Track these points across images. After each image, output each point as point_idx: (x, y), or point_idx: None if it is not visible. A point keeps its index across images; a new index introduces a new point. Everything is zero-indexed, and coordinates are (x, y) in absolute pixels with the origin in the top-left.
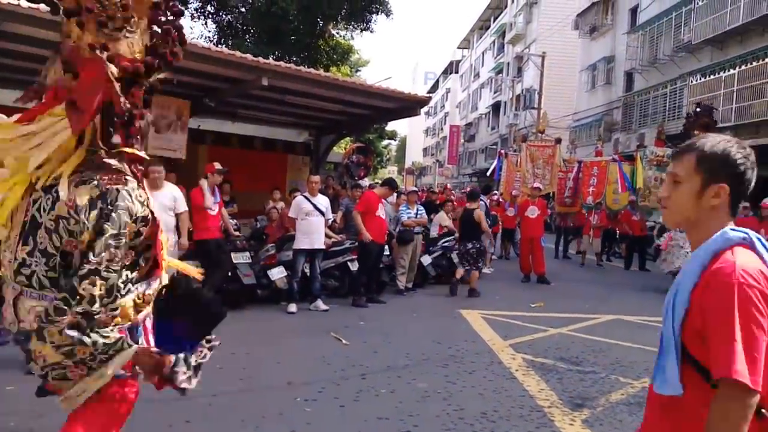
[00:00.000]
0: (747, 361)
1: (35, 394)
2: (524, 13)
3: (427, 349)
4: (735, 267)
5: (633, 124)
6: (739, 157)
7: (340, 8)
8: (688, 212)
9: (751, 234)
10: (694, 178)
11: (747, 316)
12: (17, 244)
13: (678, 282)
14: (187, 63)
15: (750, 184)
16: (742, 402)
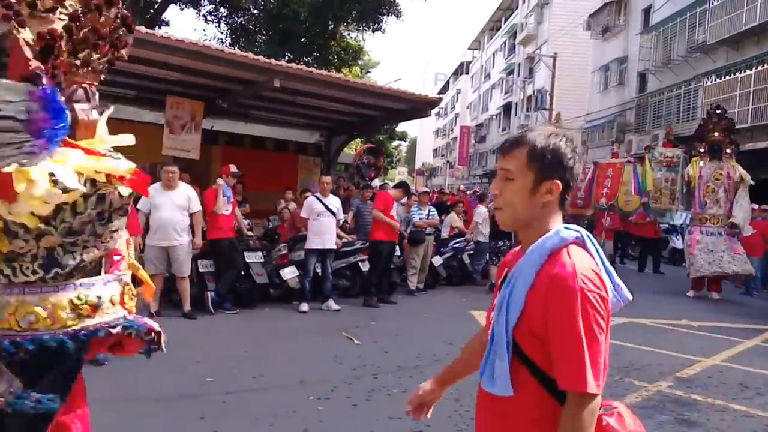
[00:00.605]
0: (593, 369)
1: None
2: (535, 14)
3: (438, 349)
4: (575, 272)
5: (646, 126)
6: (568, 152)
7: (351, 10)
8: (523, 210)
9: (582, 232)
10: (527, 175)
11: (589, 322)
12: None
13: (512, 280)
14: (201, 65)
15: (576, 177)
16: (592, 410)
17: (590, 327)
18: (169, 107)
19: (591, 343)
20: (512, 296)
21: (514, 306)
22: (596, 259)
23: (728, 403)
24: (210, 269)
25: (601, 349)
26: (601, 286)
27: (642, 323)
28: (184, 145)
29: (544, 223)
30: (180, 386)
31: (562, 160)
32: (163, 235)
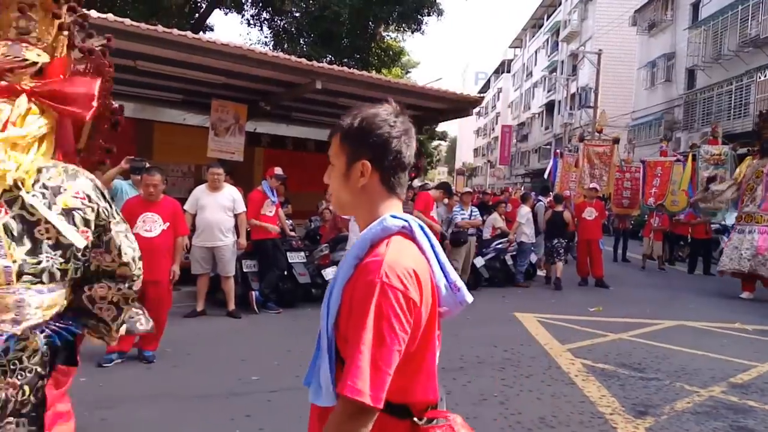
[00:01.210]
0: (372, 374)
1: None
2: (579, 11)
3: (481, 351)
4: (382, 263)
5: (695, 123)
6: (378, 127)
7: (392, 11)
8: (343, 196)
9: (412, 221)
10: (340, 158)
11: (381, 323)
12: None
13: (335, 275)
14: (245, 68)
15: (401, 156)
16: (357, 422)
17: (380, 328)
18: (214, 110)
19: (377, 346)
20: (333, 291)
21: (334, 302)
22: (427, 254)
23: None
24: (254, 269)
25: (391, 356)
26: (410, 284)
27: (692, 326)
28: (229, 148)
29: (372, 210)
30: (226, 384)
31: (370, 137)
32: (208, 235)
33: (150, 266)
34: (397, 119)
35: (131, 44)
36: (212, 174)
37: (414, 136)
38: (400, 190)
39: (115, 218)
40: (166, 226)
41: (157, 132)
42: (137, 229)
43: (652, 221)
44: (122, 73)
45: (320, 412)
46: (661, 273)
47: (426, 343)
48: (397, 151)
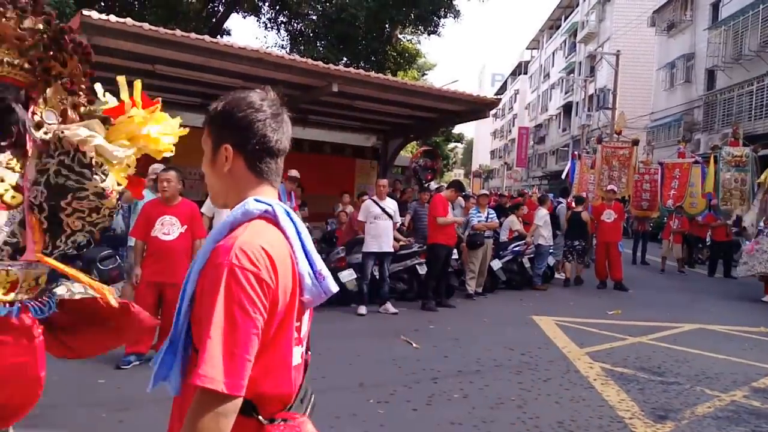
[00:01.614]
0: (225, 360)
1: None
2: (597, 11)
3: (499, 355)
4: (233, 246)
5: (715, 124)
6: (241, 110)
7: (408, 13)
8: (214, 183)
9: (276, 205)
10: (207, 144)
11: (231, 304)
12: None
13: (194, 260)
14: (262, 71)
15: (267, 140)
16: (219, 414)
17: (231, 311)
18: None
19: (230, 329)
20: (190, 276)
21: (189, 287)
22: (291, 240)
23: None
24: None
25: (244, 340)
26: (263, 266)
27: (713, 330)
28: None
29: (240, 197)
30: None
31: (232, 120)
32: None
33: (169, 269)
34: (264, 103)
35: (150, 48)
36: None
37: (287, 121)
38: (272, 177)
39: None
40: (184, 229)
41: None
42: (155, 232)
43: (671, 223)
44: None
45: (178, 402)
46: (680, 276)
47: (282, 331)
48: (262, 135)
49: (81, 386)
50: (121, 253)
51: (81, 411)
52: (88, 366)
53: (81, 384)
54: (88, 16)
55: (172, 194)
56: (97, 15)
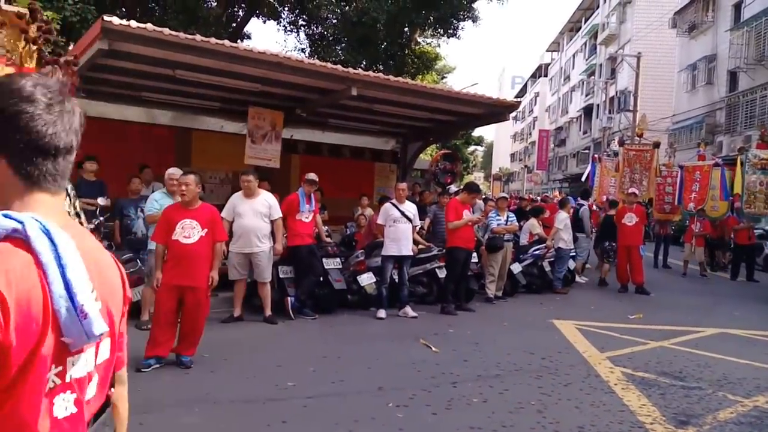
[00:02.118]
0: None
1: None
2: (617, 13)
3: (519, 359)
4: None
5: (738, 126)
6: (2, 101)
7: (428, 16)
8: None
9: (31, 223)
10: None
11: None
12: None
13: None
14: (282, 75)
15: (38, 136)
16: None
17: None
18: (250, 118)
19: None
20: None
21: None
22: (45, 267)
23: None
24: (290, 275)
25: None
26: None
27: (736, 334)
28: (265, 155)
29: (7, 207)
30: (262, 390)
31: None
32: (245, 242)
33: (189, 272)
34: (36, 90)
35: (170, 54)
36: (242, 181)
37: (72, 111)
38: (48, 182)
39: None
40: (205, 233)
41: (195, 139)
42: (176, 235)
43: (693, 227)
44: (161, 82)
45: None
46: (702, 279)
47: (23, 382)
48: (29, 131)
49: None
50: (141, 257)
51: None
52: None
53: None
54: (109, 21)
55: (191, 198)
56: (118, 21)
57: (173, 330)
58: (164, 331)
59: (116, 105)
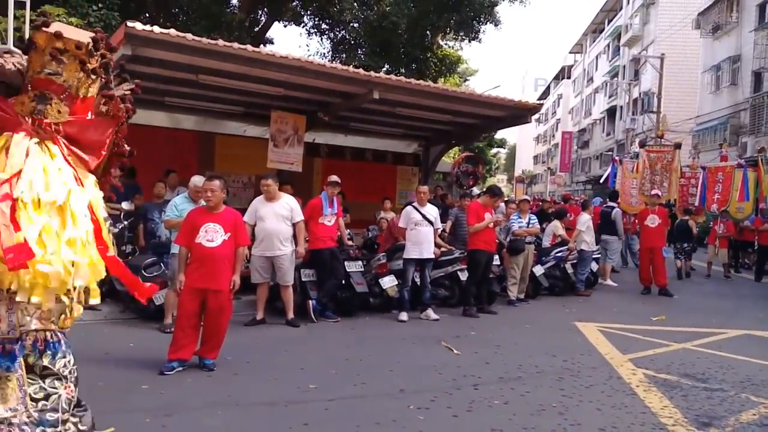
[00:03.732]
0: None
1: None
2: (641, 14)
3: (541, 361)
4: None
5: (763, 127)
6: None
7: (449, 20)
8: None
9: None
10: None
11: None
12: None
13: None
14: (303, 79)
15: None
16: None
17: None
18: (273, 122)
19: None
20: None
21: None
22: None
23: None
24: (312, 278)
25: None
26: None
27: (760, 336)
28: (288, 158)
29: None
30: (285, 392)
31: None
32: (267, 245)
33: (212, 275)
34: None
35: (193, 59)
36: (262, 185)
37: None
38: None
39: None
40: (228, 237)
41: (218, 144)
42: (199, 239)
43: (716, 228)
44: (184, 87)
45: None
46: (726, 281)
47: None
48: None
49: (125, 391)
50: (165, 260)
51: (124, 416)
52: (132, 372)
53: (125, 389)
54: (132, 27)
55: (216, 203)
56: (141, 26)
57: (196, 333)
58: (187, 334)
59: (141, 110)
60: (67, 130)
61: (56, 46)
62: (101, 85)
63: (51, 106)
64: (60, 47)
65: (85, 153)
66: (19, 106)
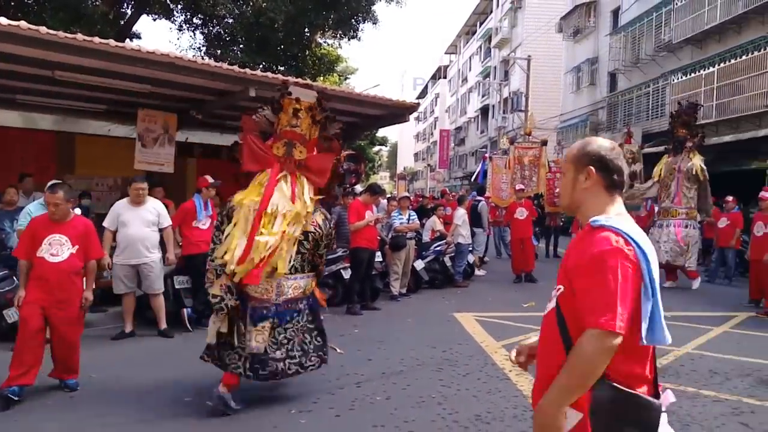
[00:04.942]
0: None
1: None
2: (509, 18)
3: (421, 353)
4: None
5: (618, 124)
6: None
7: (327, 18)
8: None
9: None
10: None
11: None
12: None
13: None
14: (173, 76)
15: None
16: None
17: None
18: (140, 120)
19: None
20: None
21: None
22: None
23: (699, 390)
24: (187, 285)
25: None
26: None
27: None
28: (158, 159)
29: None
30: (158, 407)
31: None
32: (132, 252)
33: (56, 293)
34: None
35: (48, 53)
36: (136, 189)
37: None
38: None
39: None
40: (75, 249)
41: (79, 144)
42: (42, 252)
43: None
44: (39, 84)
45: None
46: None
47: None
48: None
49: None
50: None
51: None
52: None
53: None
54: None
55: (61, 216)
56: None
57: (40, 353)
58: (30, 354)
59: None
60: (306, 164)
61: (296, 107)
62: (320, 128)
63: (295, 149)
64: (298, 107)
65: (316, 177)
66: (276, 150)
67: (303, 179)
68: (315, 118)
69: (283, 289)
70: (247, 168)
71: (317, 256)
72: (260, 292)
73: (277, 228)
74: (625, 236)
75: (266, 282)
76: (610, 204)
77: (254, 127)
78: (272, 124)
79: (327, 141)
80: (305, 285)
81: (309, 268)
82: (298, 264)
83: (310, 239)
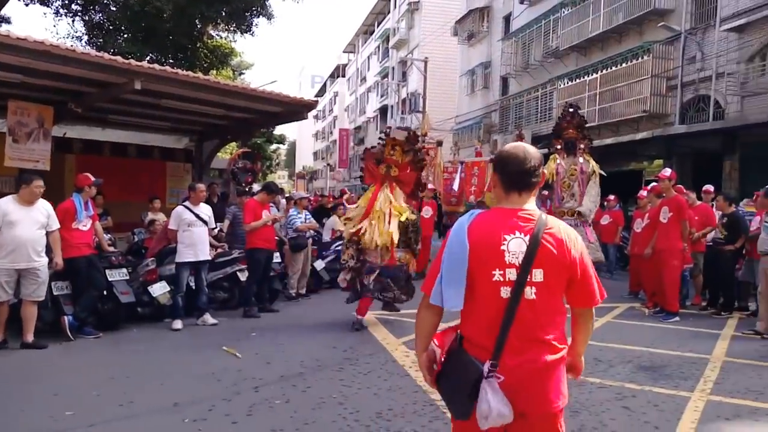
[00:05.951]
0: None
1: None
2: (406, 19)
3: (321, 354)
4: None
5: (509, 126)
6: None
7: (219, 10)
8: None
9: None
10: None
11: None
12: None
13: None
14: (48, 65)
15: None
16: None
17: None
18: (11, 113)
19: None
20: None
21: None
22: None
23: (586, 377)
24: (66, 291)
25: None
26: None
27: None
28: (32, 155)
29: None
30: (34, 425)
31: None
32: (18, 255)
33: None
34: None
35: None
36: (37, 188)
37: None
38: None
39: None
40: None
41: None
42: None
43: None
44: None
45: None
46: None
47: None
48: None
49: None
50: None
51: None
52: None
53: None
54: None
55: None
56: None
57: None
58: None
59: None
60: (399, 179)
61: (393, 144)
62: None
63: (392, 170)
64: (394, 143)
65: (404, 187)
66: (380, 170)
67: (397, 188)
68: (404, 149)
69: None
70: (367, 182)
71: (408, 237)
72: (373, 257)
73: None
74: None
75: (375, 251)
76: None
77: (372, 156)
78: (382, 153)
79: (416, 164)
80: (400, 256)
81: (404, 246)
82: (398, 242)
83: (407, 226)
